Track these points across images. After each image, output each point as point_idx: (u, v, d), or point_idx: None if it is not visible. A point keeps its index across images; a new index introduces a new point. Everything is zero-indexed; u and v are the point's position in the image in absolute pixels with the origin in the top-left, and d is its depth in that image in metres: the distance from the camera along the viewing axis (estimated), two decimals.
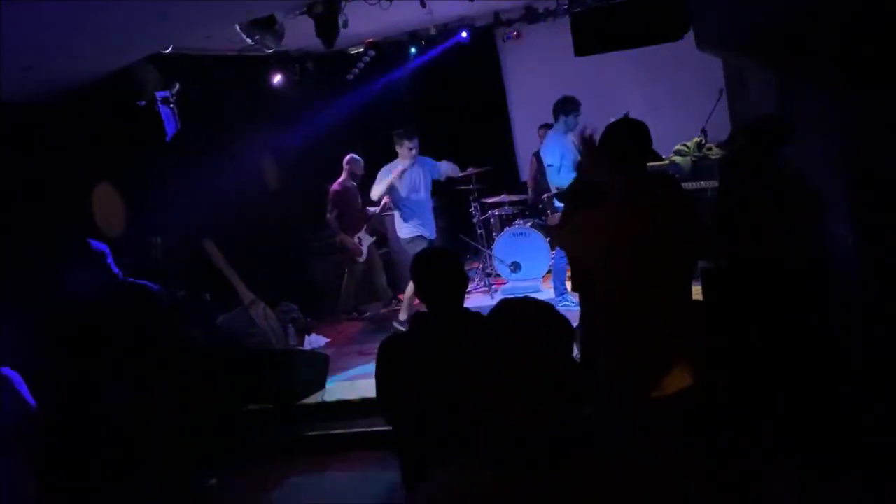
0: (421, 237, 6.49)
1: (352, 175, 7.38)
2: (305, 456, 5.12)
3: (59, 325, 4.80)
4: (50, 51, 4.08)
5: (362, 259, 7.38)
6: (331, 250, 7.96)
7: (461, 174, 7.13)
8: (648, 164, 2.92)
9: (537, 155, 8.31)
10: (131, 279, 5.00)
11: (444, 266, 2.57)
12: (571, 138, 6.11)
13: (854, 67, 2.85)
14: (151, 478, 4.71)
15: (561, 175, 6.05)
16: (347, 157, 7.45)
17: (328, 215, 7.30)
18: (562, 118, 6.24)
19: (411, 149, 6.33)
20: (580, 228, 2.84)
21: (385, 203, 7.31)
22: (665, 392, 2.59)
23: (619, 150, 2.77)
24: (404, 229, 6.54)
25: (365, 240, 7.40)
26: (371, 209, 7.47)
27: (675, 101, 7.68)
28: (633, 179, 2.75)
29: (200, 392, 5.37)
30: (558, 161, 6.09)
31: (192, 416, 5.20)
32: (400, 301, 7.67)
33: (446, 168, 6.62)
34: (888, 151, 2.82)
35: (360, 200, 7.44)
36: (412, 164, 6.36)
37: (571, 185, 4.72)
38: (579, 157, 6.06)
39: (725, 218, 3.32)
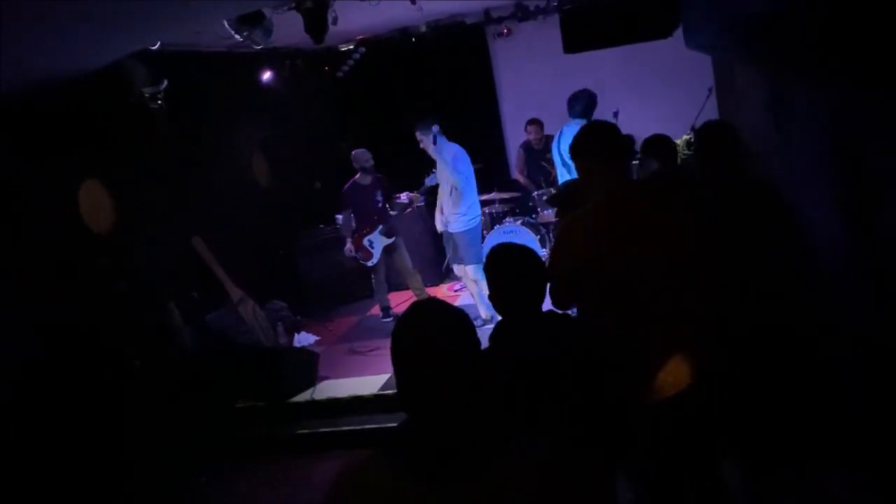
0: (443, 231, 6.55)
1: (362, 170, 6.86)
2: (295, 453, 5.11)
3: (53, 323, 4.78)
4: (35, 46, 4.05)
5: (370, 263, 6.87)
6: (320, 248, 7.95)
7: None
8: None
9: (525, 147, 8.32)
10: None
11: (511, 264, 2.32)
12: None
13: (846, 63, 2.86)
14: (142, 475, 4.69)
15: None
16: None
17: (341, 216, 7.07)
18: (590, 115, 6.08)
19: (419, 141, 6.21)
20: (562, 235, 2.82)
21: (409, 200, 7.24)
22: (655, 397, 2.60)
23: (601, 151, 2.75)
24: None
25: (377, 242, 6.83)
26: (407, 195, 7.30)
27: (664, 99, 7.69)
28: (617, 181, 2.72)
29: (190, 390, 5.36)
30: None
31: (182, 414, 5.20)
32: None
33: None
34: (880, 147, 2.83)
35: (376, 197, 6.92)
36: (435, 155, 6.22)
37: (560, 190, 4.73)
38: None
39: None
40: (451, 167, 6.18)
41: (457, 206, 6.27)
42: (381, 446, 1.54)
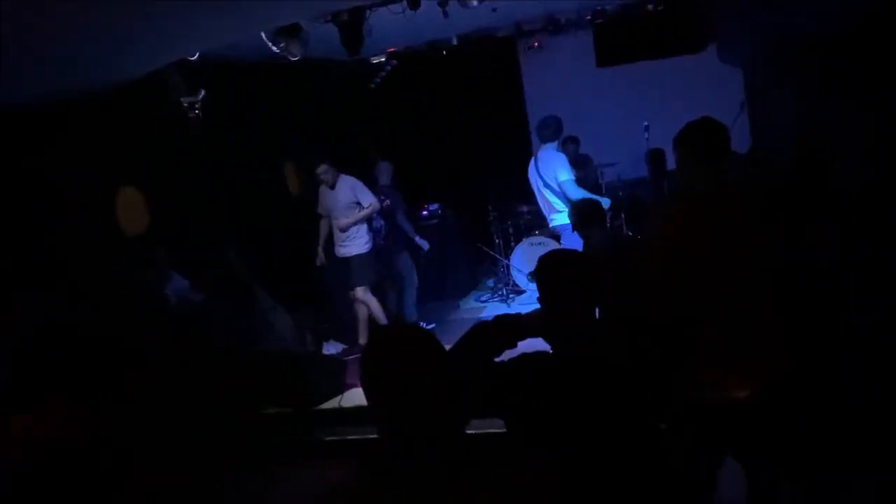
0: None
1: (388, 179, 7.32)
2: (322, 460, 5.14)
3: (78, 325, 4.84)
4: (77, 55, 4.16)
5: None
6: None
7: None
8: None
9: None
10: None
11: (566, 270, 2.27)
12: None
13: (882, 78, 2.87)
14: (156, 479, 4.68)
15: (578, 189, 6.12)
16: None
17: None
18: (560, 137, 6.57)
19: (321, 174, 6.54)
20: (658, 228, 2.85)
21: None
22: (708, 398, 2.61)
23: (699, 151, 2.80)
24: None
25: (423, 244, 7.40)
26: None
27: (695, 113, 7.65)
28: (715, 180, 2.77)
29: (213, 395, 5.38)
30: (573, 175, 6.18)
31: (203, 419, 5.21)
32: None
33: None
34: None
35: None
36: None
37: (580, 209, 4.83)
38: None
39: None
40: (364, 194, 6.53)
41: (358, 230, 6.58)
42: (363, 463, 1.57)
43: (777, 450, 2.74)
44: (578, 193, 5.98)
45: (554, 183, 6.20)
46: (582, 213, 4.79)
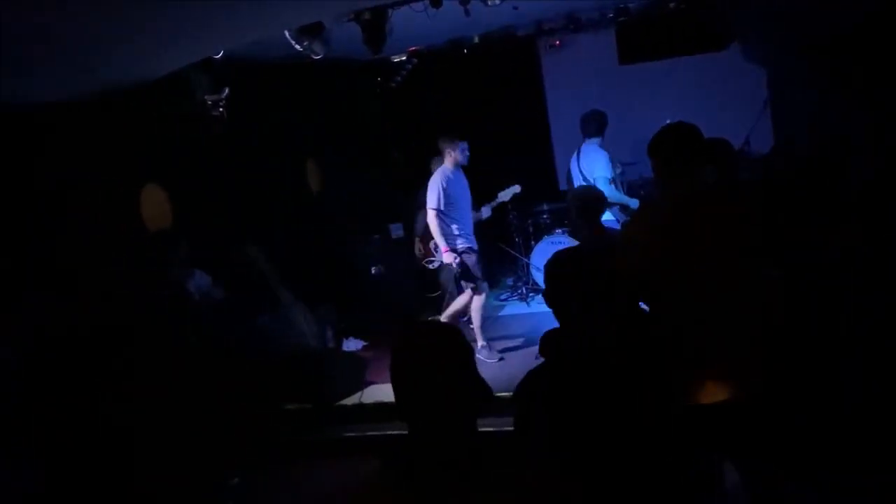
0: (471, 249, 6.16)
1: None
2: (342, 456, 5.17)
3: (87, 321, 4.89)
4: (103, 54, 4.22)
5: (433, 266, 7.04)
6: (371, 255, 8.00)
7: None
8: None
9: None
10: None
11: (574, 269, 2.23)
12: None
13: (884, 78, 2.85)
14: (166, 477, 4.71)
15: (611, 188, 6.13)
16: None
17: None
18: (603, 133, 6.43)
19: (464, 150, 6.14)
20: (632, 231, 2.83)
21: None
22: (703, 400, 2.59)
23: (665, 160, 2.76)
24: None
25: None
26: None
27: (716, 111, 7.61)
28: (682, 193, 2.72)
29: (228, 393, 5.42)
30: (611, 174, 6.18)
31: (214, 416, 5.24)
32: None
33: None
34: None
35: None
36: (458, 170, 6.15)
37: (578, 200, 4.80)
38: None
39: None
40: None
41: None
42: (384, 457, 1.60)
43: (777, 450, 2.73)
44: (610, 192, 5.95)
45: (591, 178, 6.21)
46: (587, 203, 4.64)
